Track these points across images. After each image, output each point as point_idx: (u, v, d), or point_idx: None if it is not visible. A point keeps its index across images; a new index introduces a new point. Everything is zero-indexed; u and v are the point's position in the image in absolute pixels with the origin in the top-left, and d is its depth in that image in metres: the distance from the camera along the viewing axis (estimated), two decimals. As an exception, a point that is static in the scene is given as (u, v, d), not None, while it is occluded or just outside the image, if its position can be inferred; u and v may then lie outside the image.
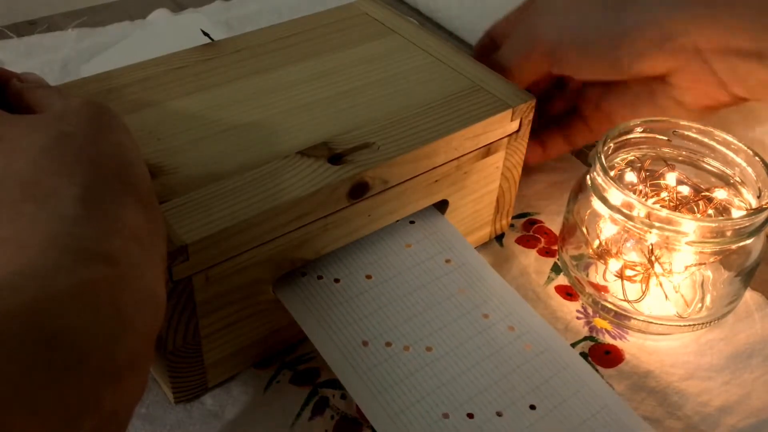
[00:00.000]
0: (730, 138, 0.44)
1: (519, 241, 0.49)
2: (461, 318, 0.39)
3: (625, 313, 0.43)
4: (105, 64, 0.55)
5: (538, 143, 0.52)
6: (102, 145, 0.29)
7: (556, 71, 0.48)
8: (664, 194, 0.45)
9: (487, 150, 0.43)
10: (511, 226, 0.50)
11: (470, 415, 0.35)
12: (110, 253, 0.25)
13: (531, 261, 0.48)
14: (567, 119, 0.52)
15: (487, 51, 0.52)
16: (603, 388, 0.37)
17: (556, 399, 0.36)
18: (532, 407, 0.36)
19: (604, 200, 0.41)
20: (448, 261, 0.42)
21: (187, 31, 0.61)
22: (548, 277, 0.47)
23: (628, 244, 0.42)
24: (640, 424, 0.36)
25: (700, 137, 0.45)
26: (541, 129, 0.52)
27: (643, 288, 0.42)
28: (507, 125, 0.43)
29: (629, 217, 0.40)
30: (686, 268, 0.41)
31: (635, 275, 0.42)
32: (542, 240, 0.49)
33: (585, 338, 0.43)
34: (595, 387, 0.37)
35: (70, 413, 0.22)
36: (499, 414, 0.35)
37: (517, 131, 0.44)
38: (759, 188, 0.42)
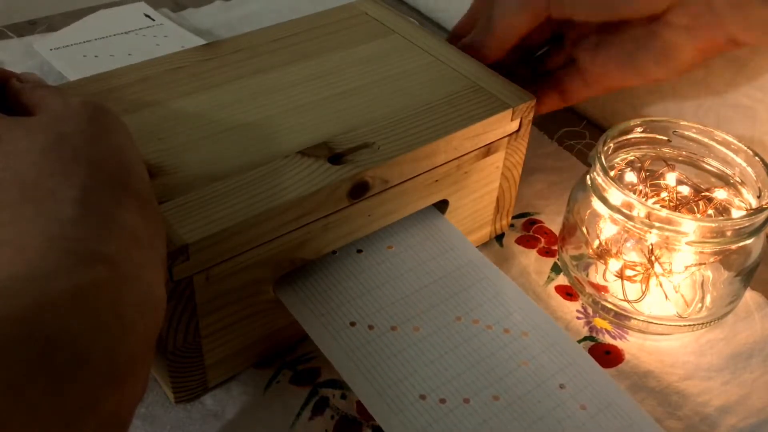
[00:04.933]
0: (730, 138, 0.44)
1: (519, 241, 0.49)
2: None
3: (625, 313, 0.43)
4: (63, 39, 0.64)
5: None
6: (101, 146, 0.29)
7: (555, 13, 0.46)
8: (664, 194, 0.45)
9: (487, 150, 0.43)
10: (511, 226, 0.50)
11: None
12: (109, 255, 0.25)
13: (531, 261, 0.48)
14: (563, 73, 0.50)
15: (468, 27, 0.50)
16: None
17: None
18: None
19: (604, 200, 0.41)
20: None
21: (133, 16, 0.68)
22: (548, 277, 0.47)
23: (628, 244, 0.42)
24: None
25: (700, 137, 0.45)
26: (535, 84, 0.50)
27: (643, 288, 0.42)
28: (507, 125, 0.43)
29: (629, 217, 0.40)
30: (686, 268, 0.41)
31: (635, 275, 0.42)
32: (542, 240, 0.49)
33: (585, 338, 0.43)
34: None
35: (70, 416, 0.22)
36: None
37: (517, 131, 0.44)
38: (759, 188, 0.42)
